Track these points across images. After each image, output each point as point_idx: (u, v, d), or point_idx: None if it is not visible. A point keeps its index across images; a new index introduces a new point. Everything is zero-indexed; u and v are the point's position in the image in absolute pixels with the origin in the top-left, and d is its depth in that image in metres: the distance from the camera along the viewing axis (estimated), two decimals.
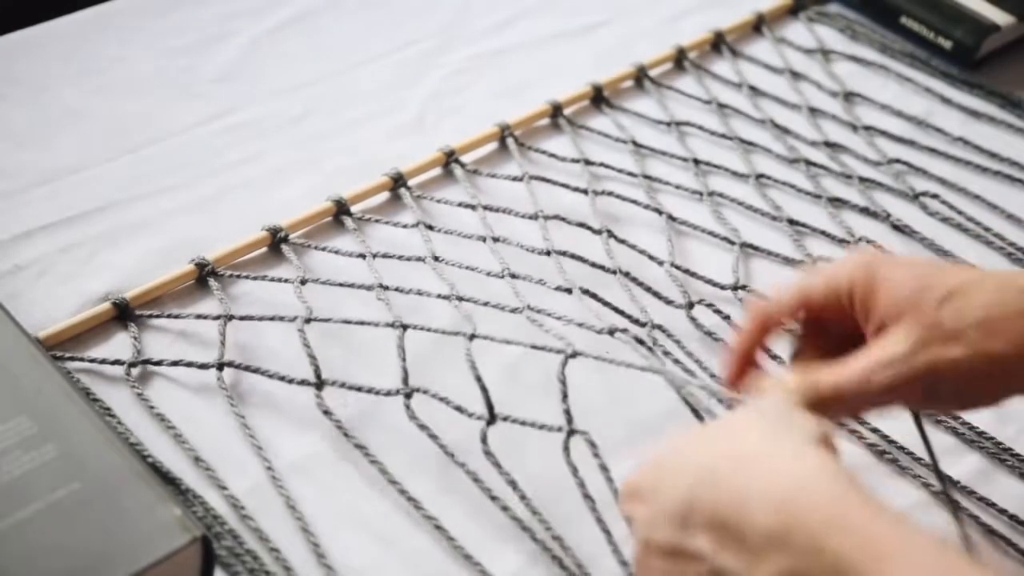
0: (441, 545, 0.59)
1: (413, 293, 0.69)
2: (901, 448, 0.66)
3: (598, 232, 0.76)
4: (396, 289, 0.70)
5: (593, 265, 0.73)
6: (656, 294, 0.72)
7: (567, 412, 0.61)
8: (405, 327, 0.66)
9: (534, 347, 0.63)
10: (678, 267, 0.75)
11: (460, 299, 0.69)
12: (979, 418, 0.68)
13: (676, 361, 0.68)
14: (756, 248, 0.78)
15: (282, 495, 0.60)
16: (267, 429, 0.63)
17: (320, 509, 0.60)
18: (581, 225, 0.76)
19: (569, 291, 0.70)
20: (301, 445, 0.63)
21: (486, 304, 0.69)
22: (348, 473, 0.62)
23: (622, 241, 0.76)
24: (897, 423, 0.68)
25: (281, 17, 0.93)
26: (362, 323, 0.67)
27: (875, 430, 0.67)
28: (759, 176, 0.83)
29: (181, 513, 0.53)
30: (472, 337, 0.65)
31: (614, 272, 0.73)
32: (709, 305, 0.72)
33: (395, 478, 0.61)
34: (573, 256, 0.73)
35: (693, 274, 0.75)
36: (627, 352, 0.65)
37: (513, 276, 0.71)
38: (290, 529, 0.59)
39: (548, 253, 0.73)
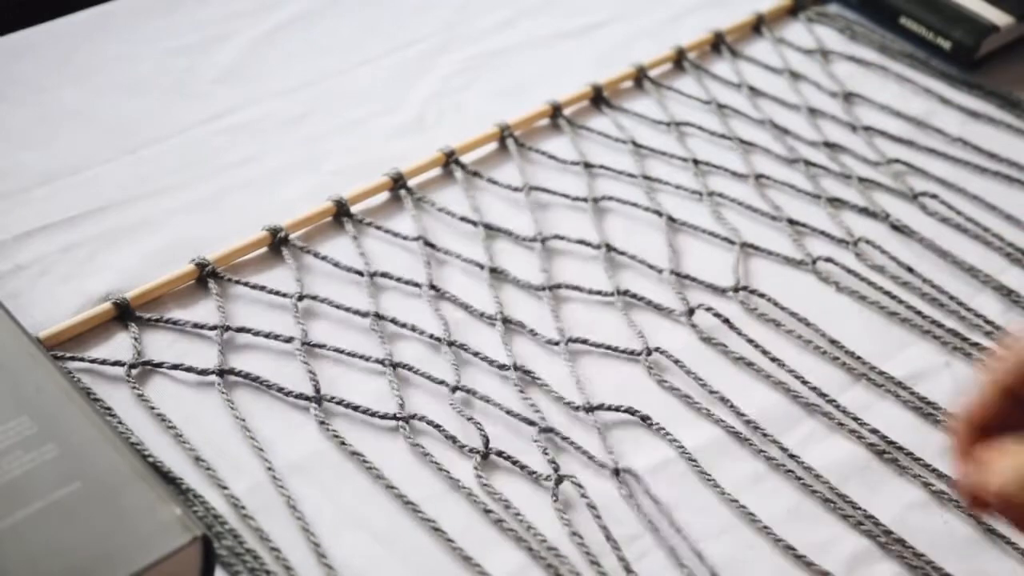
0: (441, 545, 0.59)
1: (407, 328, 0.69)
2: (901, 448, 0.66)
3: (596, 247, 0.76)
4: (392, 320, 0.69)
5: (590, 292, 0.73)
6: (656, 306, 0.72)
7: (552, 462, 0.62)
8: (395, 366, 0.66)
9: (509, 412, 0.64)
10: (677, 273, 0.75)
11: (451, 344, 0.68)
12: None
13: (673, 388, 0.68)
14: (756, 248, 0.78)
15: (282, 495, 0.60)
16: (267, 429, 0.63)
17: (320, 509, 0.60)
18: (580, 242, 0.76)
19: (557, 343, 0.70)
20: (301, 445, 0.63)
21: (476, 354, 0.68)
22: (348, 473, 0.62)
23: (622, 253, 0.76)
24: (897, 423, 0.68)
25: (281, 17, 0.93)
26: (353, 355, 0.67)
27: (875, 431, 0.67)
28: (759, 176, 0.83)
29: (181, 513, 0.53)
30: (455, 390, 0.65)
31: (612, 294, 0.73)
32: (708, 309, 0.72)
33: (393, 483, 0.61)
34: (569, 287, 0.73)
35: (693, 279, 0.75)
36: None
37: (506, 322, 0.70)
38: (291, 529, 0.59)
39: (545, 288, 0.73)
